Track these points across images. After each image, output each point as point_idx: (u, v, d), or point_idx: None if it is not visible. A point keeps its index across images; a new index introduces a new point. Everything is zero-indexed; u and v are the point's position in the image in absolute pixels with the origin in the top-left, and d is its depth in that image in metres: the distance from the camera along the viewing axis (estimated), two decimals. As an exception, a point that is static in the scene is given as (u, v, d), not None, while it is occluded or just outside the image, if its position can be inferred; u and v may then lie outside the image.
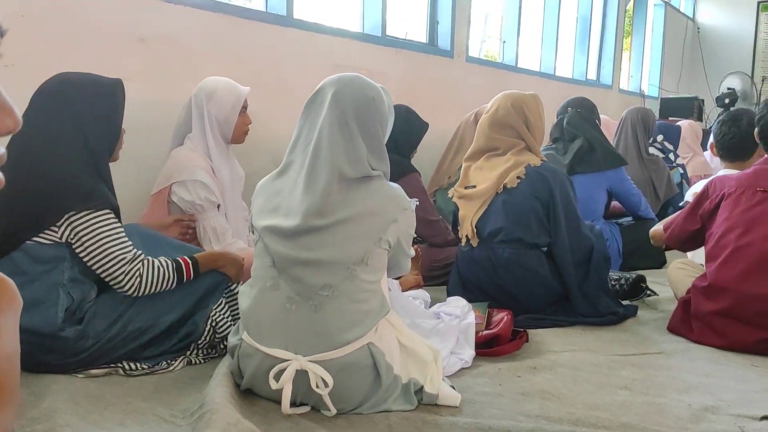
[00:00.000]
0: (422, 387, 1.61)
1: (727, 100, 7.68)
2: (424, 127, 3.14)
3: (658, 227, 2.63)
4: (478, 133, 2.64)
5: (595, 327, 2.41)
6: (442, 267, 2.94)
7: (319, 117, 1.62)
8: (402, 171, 2.93)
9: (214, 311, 1.93)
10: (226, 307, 1.99)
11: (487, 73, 5.14)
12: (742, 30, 9.24)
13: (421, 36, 4.67)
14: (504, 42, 5.66)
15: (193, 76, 2.60)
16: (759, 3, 9.08)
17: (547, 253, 2.52)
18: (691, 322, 2.30)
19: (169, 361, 1.84)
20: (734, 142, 2.86)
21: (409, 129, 3.08)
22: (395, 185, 1.65)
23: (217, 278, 1.95)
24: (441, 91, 4.50)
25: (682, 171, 4.48)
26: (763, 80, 9.00)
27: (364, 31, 4.07)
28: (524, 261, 2.45)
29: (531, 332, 2.27)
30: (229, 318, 1.97)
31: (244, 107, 2.46)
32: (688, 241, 2.49)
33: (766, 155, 2.35)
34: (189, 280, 1.88)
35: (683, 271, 2.65)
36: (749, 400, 1.75)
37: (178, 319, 1.85)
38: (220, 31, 3.02)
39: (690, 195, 3.02)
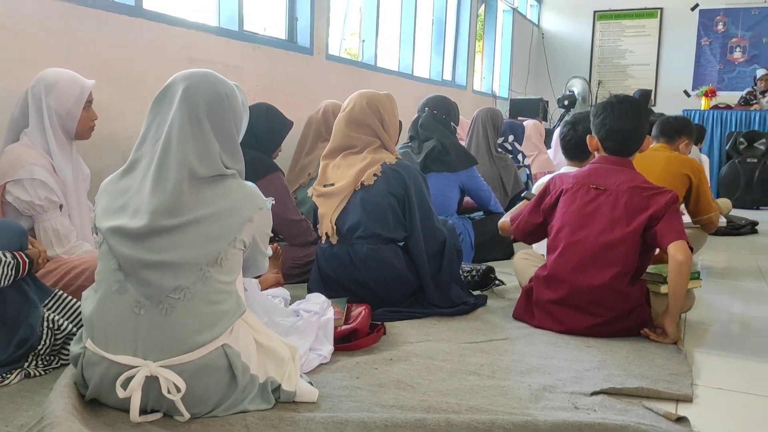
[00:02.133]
0: (279, 385, 1.61)
1: (566, 102, 8.34)
2: (287, 124, 3.12)
3: (505, 219, 2.80)
4: (335, 131, 2.67)
5: (448, 317, 2.53)
6: (303, 264, 2.95)
7: (168, 113, 1.57)
8: (265, 170, 2.91)
9: (46, 311, 1.81)
10: (60, 305, 1.87)
11: (346, 71, 5.20)
12: (582, 37, 10.03)
13: (280, 32, 4.63)
14: (363, 41, 5.76)
15: (31, 67, 2.41)
16: (595, 12, 9.89)
17: (403, 247, 2.60)
18: (533, 309, 2.48)
19: (3, 375, 1.71)
20: (572, 144, 3.13)
21: (271, 127, 3.05)
22: (250, 184, 1.64)
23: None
24: (300, 89, 4.50)
25: (528, 172, 4.80)
26: (599, 83, 9.84)
27: (220, 24, 3.98)
28: (382, 255, 2.52)
29: (388, 325, 2.34)
30: (68, 319, 1.86)
31: (89, 101, 2.32)
32: (532, 233, 2.67)
33: (599, 155, 2.56)
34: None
35: (527, 261, 2.85)
36: (582, 378, 1.92)
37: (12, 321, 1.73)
38: (60, 18, 2.83)
39: (535, 189, 3.25)
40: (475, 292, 2.82)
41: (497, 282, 3.01)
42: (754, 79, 8.03)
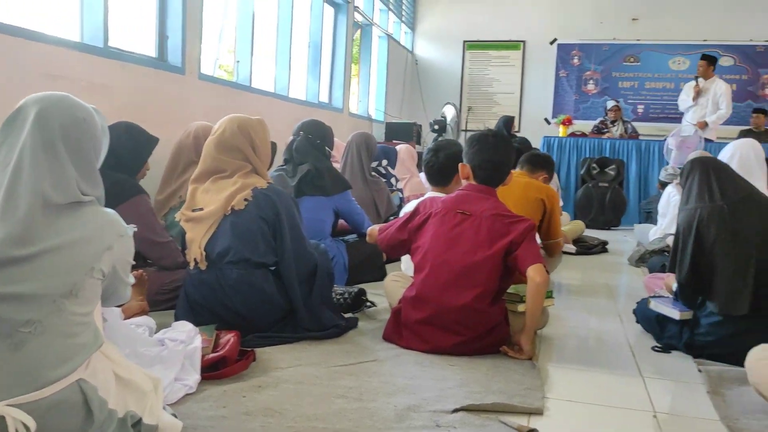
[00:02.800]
0: (140, 419, 1.57)
1: (436, 126, 8.70)
2: (152, 141, 3.02)
3: (374, 228, 2.89)
4: (205, 155, 2.64)
5: (320, 341, 2.55)
6: (170, 291, 2.87)
7: (19, 137, 1.49)
8: (128, 193, 2.81)
9: None
10: None
11: (220, 91, 5.13)
12: (453, 65, 10.50)
13: (149, 50, 4.50)
14: (238, 61, 5.71)
15: None
16: (464, 42, 10.39)
17: (274, 271, 2.61)
18: (401, 329, 2.56)
19: None
20: (435, 170, 3.27)
21: (133, 145, 2.94)
22: (110, 211, 1.59)
23: None
24: (172, 109, 4.39)
25: (401, 195, 4.96)
26: (469, 109, 10.33)
27: (84, 40, 3.80)
28: (252, 280, 2.51)
29: (259, 351, 2.33)
30: None
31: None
32: (394, 247, 2.78)
33: (467, 182, 2.71)
34: None
35: (397, 283, 2.94)
36: (445, 396, 2.01)
37: None
38: None
39: (404, 212, 3.36)
40: (347, 315, 2.87)
41: (369, 304, 3.08)
42: (605, 110, 8.76)
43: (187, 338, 2.06)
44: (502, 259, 2.48)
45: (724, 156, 3.53)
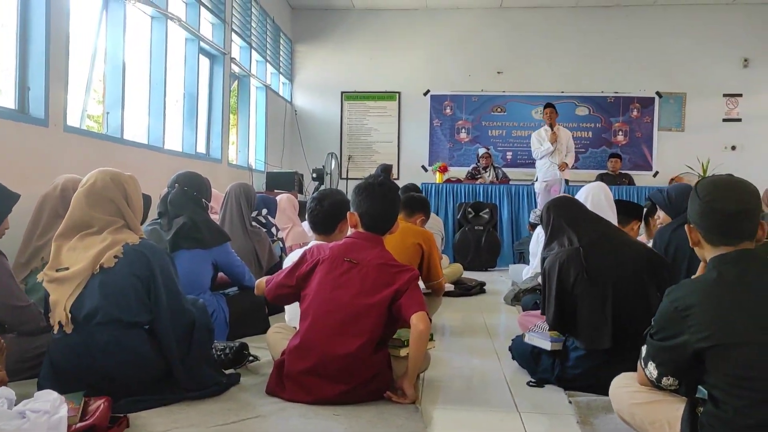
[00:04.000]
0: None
1: (314, 175, 8.80)
2: (12, 197, 2.82)
3: (261, 281, 2.85)
4: (73, 207, 2.51)
5: (199, 400, 2.46)
6: (32, 358, 2.66)
7: None
8: (-20, 254, 2.61)
9: None
10: None
11: (89, 144, 4.91)
12: (331, 114, 10.69)
13: (9, 101, 4.25)
14: (108, 113, 5.51)
15: None
16: (342, 93, 10.63)
17: (148, 330, 2.50)
18: (284, 381, 2.52)
19: None
20: (319, 218, 3.29)
21: (-13, 202, 2.75)
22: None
23: None
24: (35, 163, 4.14)
25: (282, 245, 4.93)
26: (349, 158, 10.50)
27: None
28: (124, 341, 2.38)
29: (133, 416, 2.21)
30: None
31: None
32: (283, 296, 2.76)
33: (355, 230, 2.75)
34: None
35: (279, 334, 2.90)
36: (329, 447, 1.99)
37: None
38: None
39: (288, 261, 3.34)
40: (229, 371, 2.79)
41: (251, 358, 3.01)
42: (477, 157, 9.23)
43: (51, 408, 1.92)
44: (387, 308, 2.53)
45: (579, 198, 3.83)
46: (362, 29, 10.49)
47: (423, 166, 10.37)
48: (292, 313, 3.29)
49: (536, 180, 8.00)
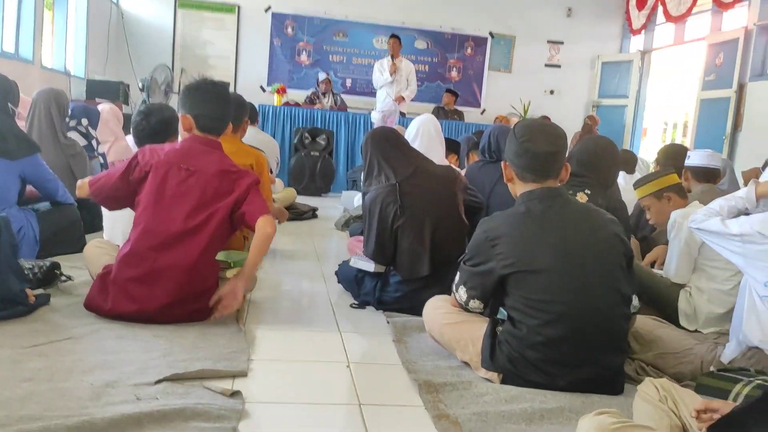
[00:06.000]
0: None
1: (142, 86, 8.15)
2: None
3: (83, 181, 2.66)
4: None
5: (5, 320, 2.29)
6: None
7: None
8: None
9: None
10: None
11: None
12: (163, 23, 9.92)
13: None
14: None
15: None
16: (176, 0, 9.89)
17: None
18: (109, 288, 2.41)
19: None
20: (145, 134, 3.11)
21: None
22: None
23: None
24: None
25: (102, 161, 4.60)
26: (182, 71, 9.88)
27: None
28: None
29: None
30: None
31: None
32: (114, 199, 2.63)
33: (193, 133, 2.61)
34: None
35: (100, 249, 2.77)
36: (147, 368, 1.96)
37: None
38: None
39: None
40: (38, 291, 2.60)
41: (64, 278, 2.84)
42: (317, 82, 9.12)
43: None
44: (228, 217, 2.50)
45: (411, 130, 3.99)
46: (201, -68, 9.75)
47: (261, 87, 10.05)
48: (113, 230, 3.13)
49: (374, 109, 8.12)
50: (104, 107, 5.15)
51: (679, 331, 2.43)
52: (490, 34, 10.54)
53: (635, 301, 2.17)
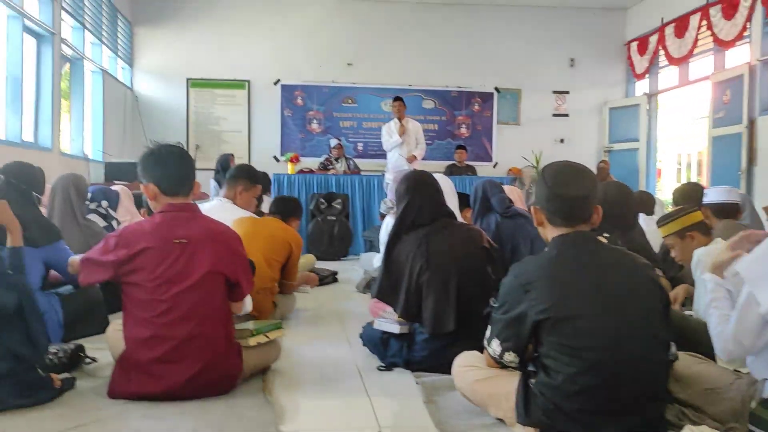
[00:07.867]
0: None
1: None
2: None
3: (74, 258, 2.70)
4: None
5: (28, 408, 2.26)
6: None
7: None
8: None
9: None
10: None
11: None
12: (177, 102, 10.22)
13: None
14: None
15: None
16: (188, 80, 10.21)
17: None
18: (131, 373, 2.39)
19: None
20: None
21: None
22: None
23: None
24: None
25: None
26: (197, 147, 10.11)
27: None
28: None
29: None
30: None
31: None
32: (98, 281, 2.70)
33: (164, 202, 2.53)
34: None
35: (120, 331, 2.74)
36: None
37: None
38: None
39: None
40: (63, 375, 2.59)
41: (89, 360, 2.82)
42: (329, 148, 9.27)
43: None
44: (224, 281, 2.51)
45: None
46: (207, 13, 10.14)
47: (275, 156, 10.24)
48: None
49: (387, 171, 8.20)
50: (119, 188, 5.25)
51: (717, 366, 2.34)
52: (496, 89, 10.72)
53: (673, 348, 2.09)
